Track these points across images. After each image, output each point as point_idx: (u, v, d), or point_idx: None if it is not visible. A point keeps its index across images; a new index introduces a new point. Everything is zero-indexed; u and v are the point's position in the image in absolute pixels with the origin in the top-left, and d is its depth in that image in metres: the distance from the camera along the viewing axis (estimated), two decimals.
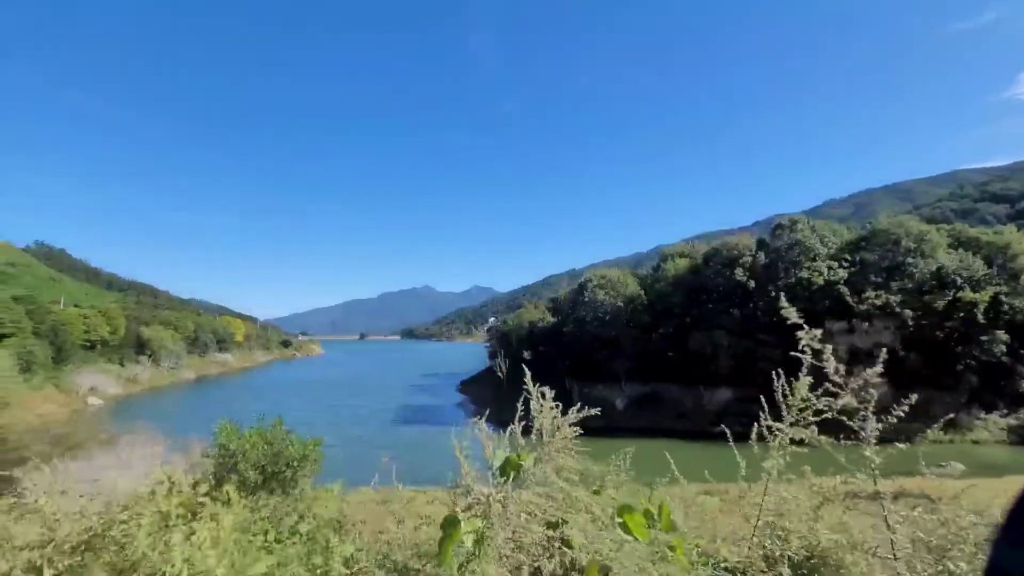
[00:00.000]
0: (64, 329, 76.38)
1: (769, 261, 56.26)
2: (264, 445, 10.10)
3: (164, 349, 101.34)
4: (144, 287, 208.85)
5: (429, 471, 25.09)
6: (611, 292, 63.01)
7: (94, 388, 73.52)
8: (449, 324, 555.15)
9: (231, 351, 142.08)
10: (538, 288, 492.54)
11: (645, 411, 54.79)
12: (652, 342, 58.90)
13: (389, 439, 49.77)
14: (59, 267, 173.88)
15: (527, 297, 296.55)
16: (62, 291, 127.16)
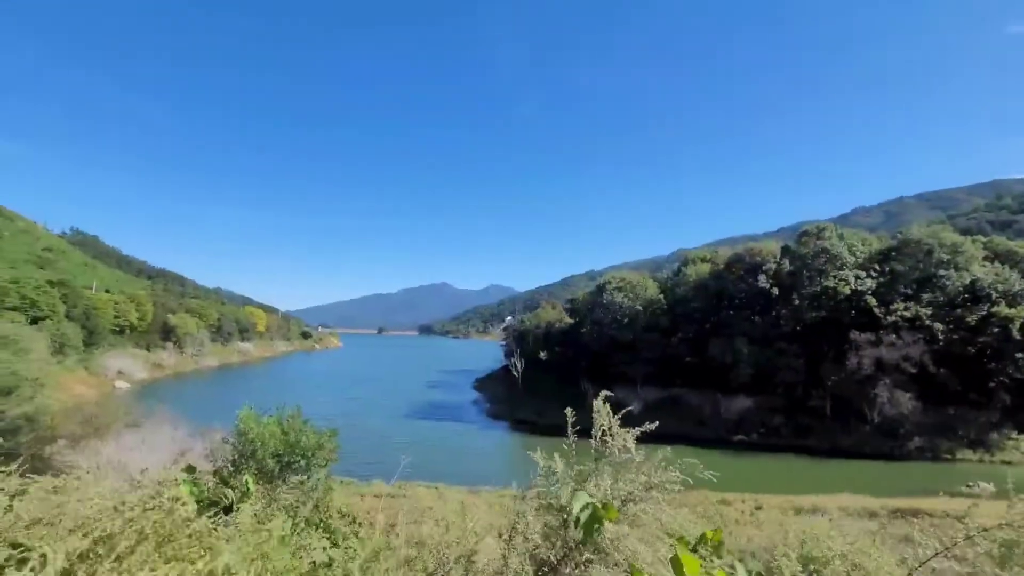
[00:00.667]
0: (96, 313, 78.98)
1: (794, 269, 55.14)
2: (281, 434, 10.30)
3: (189, 336, 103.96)
4: (172, 275, 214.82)
5: (444, 467, 25.46)
6: (630, 295, 62.50)
7: (122, 372, 75.84)
8: (466, 322, 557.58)
9: (253, 341, 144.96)
10: (556, 289, 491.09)
11: (662, 416, 52.88)
12: (670, 347, 58.26)
13: (405, 434, 50.18)
14: (92, 253, 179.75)
15: (545, 297, 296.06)
16: (95, 277, 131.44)
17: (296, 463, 10.26)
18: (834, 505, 25.81)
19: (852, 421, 47.58)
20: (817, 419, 49.27)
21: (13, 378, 23.35)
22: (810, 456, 43.21)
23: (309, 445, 10.50)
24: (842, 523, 16.75)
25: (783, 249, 59.06)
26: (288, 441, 10.15)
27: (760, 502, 27.75)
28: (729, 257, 62.74)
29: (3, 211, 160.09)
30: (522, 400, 65.14)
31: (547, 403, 60.99)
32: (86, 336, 74.46)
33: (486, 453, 45.66)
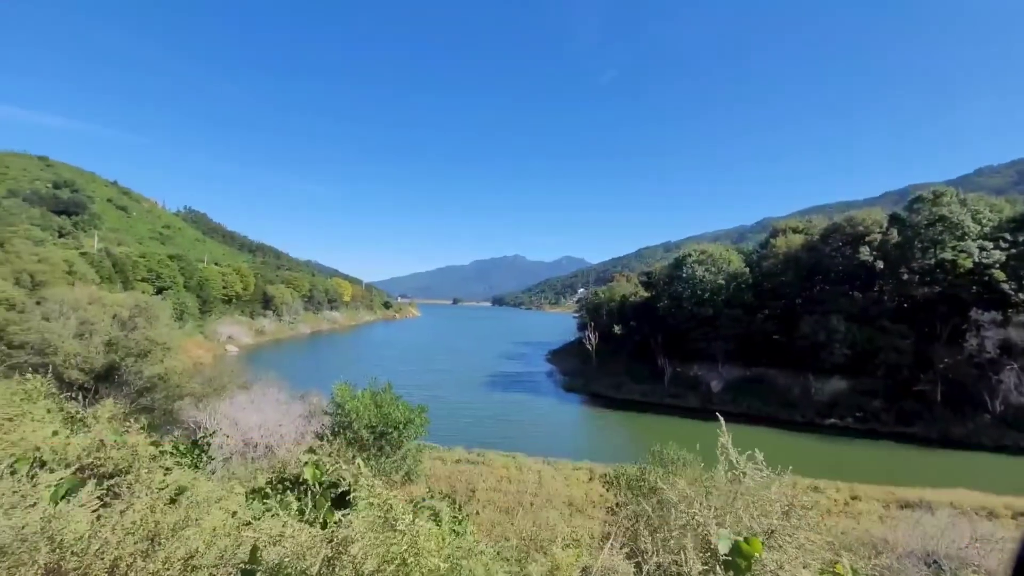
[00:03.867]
0: (207, 284, 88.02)
1: (903, 239, 49.62)
2: (375, 407, 11.08)
3: (285, 305, 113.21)
4: (269, 249, 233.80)
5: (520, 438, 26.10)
6: (711, 268, 59.45)
7: (231, 337, 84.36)
8: (538, 293, 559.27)
9: (340, 310, 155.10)
10: (630, 260, 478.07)
11: (745, 396, 51.81)
12: (755, 323, 55.07)
13: (482, 403, 51.96)
14: (203, 229, 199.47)
15: (618, 269, 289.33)
16: (205, 251, 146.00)
17: (389, 435, 11.04)
18: (945, 500, 23.51)
19: (968, 409, 42.81)
20: (924, 405, 44.82)
21: (147, 343, 26.70)
22: (915, 445, 39.64)
23: (400, 419, 11.14)
24: (958, 523, 15.30)
25: (890, 217, 53.19)
26: (381, 414, 10.92)
27: (856, 491, 25.94)
28: (825, 227, 57.57)
29: (130, 194, 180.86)
30: (596, 374, 64.90)
31: (622, 377, 60.39)
32: (200, 305, 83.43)
33: (561, 425, 46.27)
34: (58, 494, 3.19)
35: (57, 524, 2.54)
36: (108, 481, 3.31)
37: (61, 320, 27.51)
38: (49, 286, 38.78)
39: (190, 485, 3.59)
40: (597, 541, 3.86)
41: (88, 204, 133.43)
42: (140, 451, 3.65)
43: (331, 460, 4.18)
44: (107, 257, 71.12)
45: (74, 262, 54.35)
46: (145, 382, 26.24)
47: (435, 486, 19.35)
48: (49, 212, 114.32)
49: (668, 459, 15.03)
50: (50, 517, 2.60)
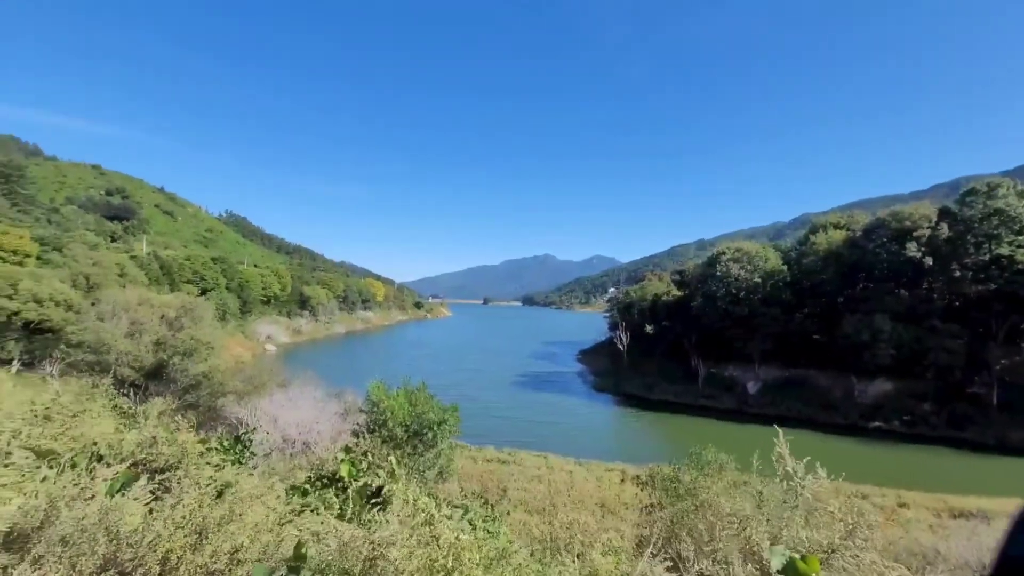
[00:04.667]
0: (247, 285, 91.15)
1: (954, 234, 47.08)
2: (409, 406, 11.30)
3: (321, 306, 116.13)
4: (305, 251, 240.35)
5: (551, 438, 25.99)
6: (747, 266, 57.81)
7: (270, 336, 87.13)
8: (568, 293, 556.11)
9: (373, 310, 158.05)
10: (662, 259, 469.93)
11: (783, 398, 50.22)
12: (794, 323, 53.27)
13: (513, 403, 52.05)
14: (243, 232, 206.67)
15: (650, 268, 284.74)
16: (246, 253, 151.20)
17: (423, 434, 11.24)
18: (1003, 510, 22.18)
19: None
20: (979, 409, 42.45)
21: (193, 342, 27.85)
22: (968, 451, 37.59)
23: (434, 418, 11.30)
24: None
25: (940, 211, 50.52)
26: (415, 413, 11.13)
27: (903, 499, 24.77)
28: (868, 222, 55.16)
29: (176, 199, 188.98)
30: (628, 374, 64.09)
31: (654, 378, 59.45)
32: (241, 305, 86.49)
33: (593, 426, 45.88)
34: (114, 488, 3.36)
35: (113, 516, 2.67)
36: (160, 476, 3.47)
37: (114, 320, 28.97)
38: (103, 288, 40.93)
39: (234, 481, 3.73)
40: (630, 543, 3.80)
41: (137, 210, 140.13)
42: (189, 448, 3.82)
43: (366, 459, 4.28)
44: (155, 260, 74.56)
45: (125, 265, 57.21)
46: (191, 380, 27.38)
47: (467, 485, 19.50)
48: (102, 218, 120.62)
49: (705, 462, 14.70)
50: (107, 509, 2.74)
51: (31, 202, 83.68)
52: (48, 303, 36.63)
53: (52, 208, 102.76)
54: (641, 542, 8.35)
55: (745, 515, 2.58)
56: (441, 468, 10.46)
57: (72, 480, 3.51)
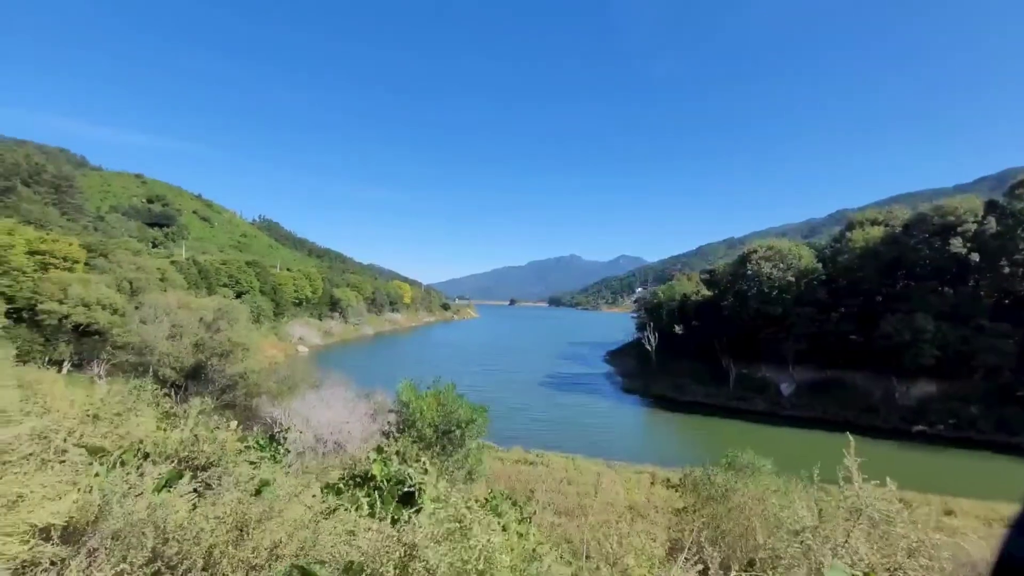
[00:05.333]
0: (280, 288, 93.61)
1: (1003, 228, 44.84)
2: (438, 406, 11.44)
3: (350, 307, 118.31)
4: (335, 254, 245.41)
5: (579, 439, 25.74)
6: (780, 264, 56.31)
7: (302, 338, 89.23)
8: (595, 293, 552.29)
9: (401, 311, 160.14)
10: (690, 258, 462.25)
11: (818, 400, 48.69)
12: (830, 323, 51.60)
13: (540, 404, 51.93)
14: (275, 237, 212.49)
15: (678, 268, 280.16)
16: (278, 257, 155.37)
17: (452, 433, 11.37)
18: None
19: None
20: None
21: (229, 343, 28.77)
22: (1019, 456, 35.66)
23: (463, 418, 11.39)
24: None
25: (987, 205, 48.19)
26: (444, 412, 11.27)
27: (950, 506, 23.68)
28: (909, 217, 53.03)
29: (212, 205, 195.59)
30: (657, 375, 63.20)
31: (684, 379, 58.44)
32: (274, 307, 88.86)
33: (621, 427, 45.40)
34: (160, 485, 3.51)
35: (161, 512, 2.80)
36: (202, 474, 3.61)
37: (156, 323, 30.19)
38: (145, 292, 42.70)
39: (271, 479, 3.85)
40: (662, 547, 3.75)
41: (177, 216, 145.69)
42: (228, 446, 3.97)
43: (398, 458, 4.36)
44: (193, 265, 77.35)
45: (166, 270, 59.55)
46: (228, 380, 28.30)
47: (495, 486, 19.59)
48: (144, 225, 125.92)
49: (740, 465, 14.32)
50: (154, 506, 2.87)
51: (79, 211, 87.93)
52: (95, 307, 38.41)
53: (98, 216, 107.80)
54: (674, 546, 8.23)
55: (801, 525, 2.50)
56: (470, 468, 10.54)
57: (122, 477, 3.68)
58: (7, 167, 76.53)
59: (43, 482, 3.99)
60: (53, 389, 10.96)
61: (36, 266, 39.88)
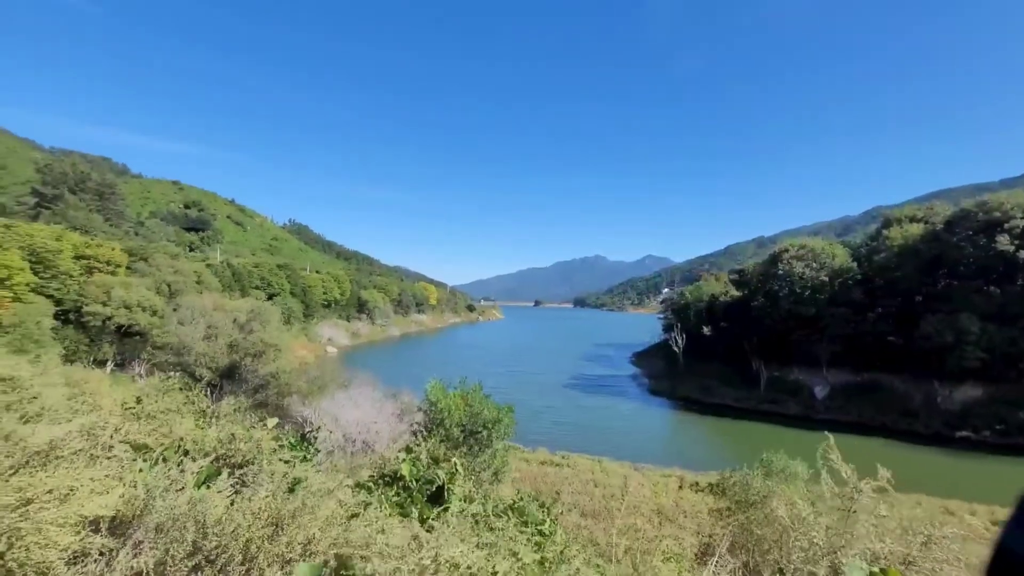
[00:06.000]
0: (310, 290, 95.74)
1: None
2: (465, 406, 11.54)
3: (377, 309, 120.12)
4: (362, 256, 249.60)
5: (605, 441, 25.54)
6: (812, 264, 54.73)
7: (331, 339, 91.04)
8: (621, 294, 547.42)
9: (426, 313, 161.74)
10: (718, 258, 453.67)
11: (854, 403, 47.11)
12: (866, 323, 49.87)
13: (566, 406, 51.71)
14: (305, 240, 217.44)
15: (705, 268, 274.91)
16: (307, 260, 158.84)
17: (479, 433, 11.45)
18: None
19: None
20: None
21: (262, 344, 29.58)
22: None
23: (490, 418, 11.45)
24: None
25: None
26: (471, 413, 11.35)
27: (997, 516, 22.58)
28: (951, 214, 50.81)
29: (245, 210, 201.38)
30: (684, 377, 62.19)
31: (712, 381, 57.36)
32: (304, 309, 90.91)
33: (648, 430, 44.84)
34: (199, 481, 3.65)
35: (200, 507, 2.91)
36: (239, 471, 3.74)
37: (192, 324, 31.24)
38: (183, 294, 44.25)
39: (304, 477, 3.96)
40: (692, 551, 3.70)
41: (211, 221, 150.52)
42: (263, 445, 4.09)
43: (427, 458, 4.42)
44: (228, 268, 79.80)
45: (202, 273, 61.62)
46: (260, 379, 29.10)
47: (521, 487, 19.58)
48: (181, 229, 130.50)
49: (775, 470, 13.98)
50: (195, 501, 2.99)
51: (121, 216, 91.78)
52: (136, 309, 40.03)
53: (139, 221, 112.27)
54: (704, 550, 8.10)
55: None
56: (496, 469, 10.60)
57: (164, 473, 3.83)
58: (56, 176, 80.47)
59: (92, 476, 4.19)
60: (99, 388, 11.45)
61: (82, 270, 41.77)
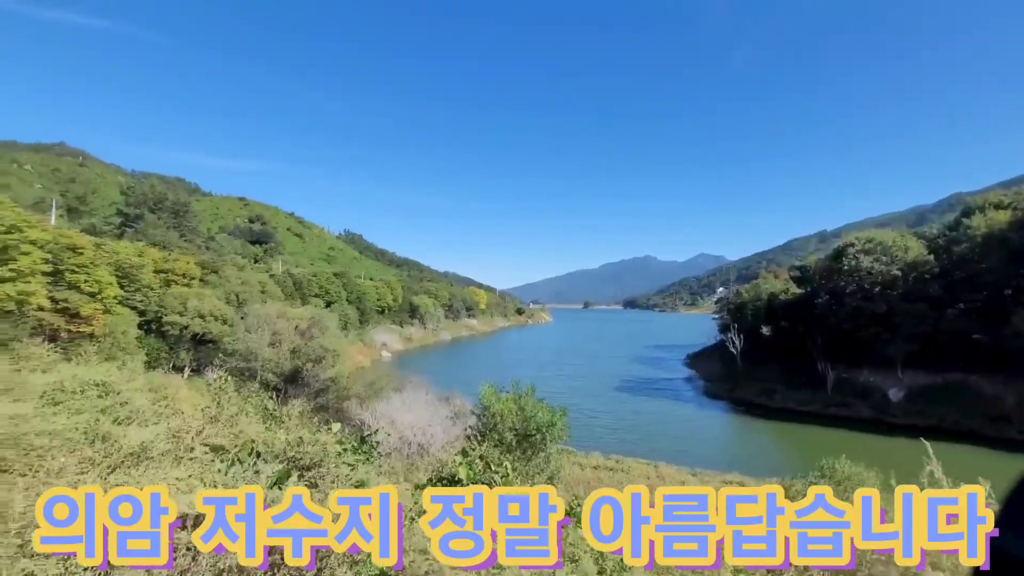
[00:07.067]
0: (364, 297, 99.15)
1: None
2: (518, 410, 11.60)
3: (428, 314, 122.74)
4: (412, 263, 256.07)
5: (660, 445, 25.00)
6: (882, 258, 51.24)
7: (385, 344, 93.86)
8: (672, 294, 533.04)
9: (476, 317, 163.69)
10: (776, 254, 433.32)
11: (935, 407, 43.59)
12: (946, 320, 46.12)
13: (618, 409, 50.90)
14: (359, 248, 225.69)
15: (763, 265, 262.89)
16: (362, 268, 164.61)
17: (532, 436, 11.46)
18: None
19: None
20: None
21: (321, 350, 30.93)
22: None
23: (543, 421, 11.46)
24: None
25: None
26: (524, 416, 11.39)
27: None
28: None
29: (304, 222, 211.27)
30: (743, 379, 59.69)
31: (774, 383, 54.79)
32: (359, 315, 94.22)
33: (705, 434, 43.34)
34: (272, 482, 3.88)
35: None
36: (308, 473, 3.95)
37: (259, 332, 33.09)
38: (249, 304, 46.95)
39: (367, 479, 4.13)
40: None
41: (274, 234, 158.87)
42: (329, 448, 4.30)
43: (483, 462, 4.49)
44: (289, 277, 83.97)
45: (266, 283, 65.16)
46: (321, 384, 30.44)
47: (576, 492, 19.41)
48: (247, 243, 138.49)
49: (840, 477, 13.21)
50: (269, 500, 3.19)
51: (194, 232, 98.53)
52: (209, 318, 42.84)
53: (209, 237, 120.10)
54: None
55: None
56: (551, 473, 10.56)
57: (241, 473, 4.10)
58: (137, 198, 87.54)
59: (178, 476, 4.55)
60: (178, 393, 12.31)
61: (161, 283, 45.16)
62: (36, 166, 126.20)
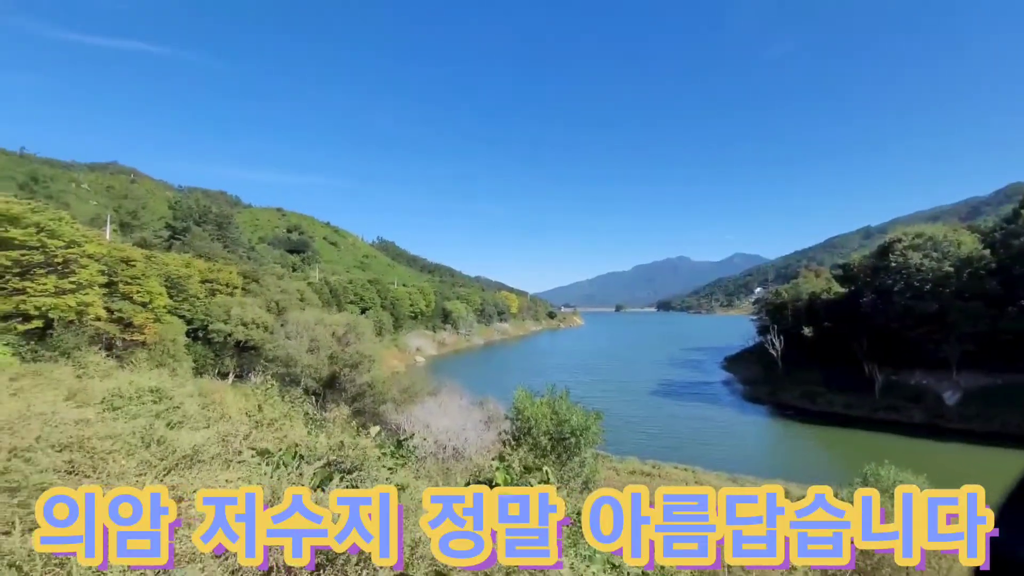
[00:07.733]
0: (398, 303, 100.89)
1: None
2: (552, 414, 11.58)
3: (461, 319, 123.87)
4: (444, 268, 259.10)
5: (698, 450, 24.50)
6: (932, 254, 48.77)
7: (419, 349, 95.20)
8: (707, 296, 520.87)
9: (508, 321, 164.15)
10: (817, 252, 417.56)
11: (996, 411, 41.09)
12: (1004, 318, 43.48)
13: (654, 413, 50.08)
14: (392, 255, 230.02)
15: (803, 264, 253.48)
16: (395, 274, 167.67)
17: (567, 440, 11.41)
18: None
19: None
20: None
21: (358, 355, 31.61)
22: None
23: (577, 425, 11.39)
24: None
25: None
26: (559, 420, 11.35)
27: None
28: None
29: (339, 231, 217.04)
30: (784, 382, 57.75)
31: (817, 386, 52.81)
32: (393, 321, 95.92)
33: (745, 439, 42.12)
34: (315, 484, 4.01)
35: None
36: (348, 476, 4.06)
37: (298, 338, 34.08)
38: (288, 311, 48.44)
39: (407, 483, 4.21)
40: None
41: (310, 243, 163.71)
42: (368, 452, 4.41)
43: (520, 466, 4.52)
44: (325, 285, 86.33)
45: (304, 291, 67.16)
46: (358, 389, 31.09)
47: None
48: (285, 252, 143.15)
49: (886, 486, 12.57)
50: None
51: (236, 243, 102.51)
52: (251, 325, 44.48)
53: (250, 247, 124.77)
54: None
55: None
56: (586, 478, 10.48)
57: (285, 475, 4.25)
58: (184, 211, 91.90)
59: (227, 479, 4.74)
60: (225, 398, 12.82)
61: (206, 292, 47.15)
62: (92, 184, 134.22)
